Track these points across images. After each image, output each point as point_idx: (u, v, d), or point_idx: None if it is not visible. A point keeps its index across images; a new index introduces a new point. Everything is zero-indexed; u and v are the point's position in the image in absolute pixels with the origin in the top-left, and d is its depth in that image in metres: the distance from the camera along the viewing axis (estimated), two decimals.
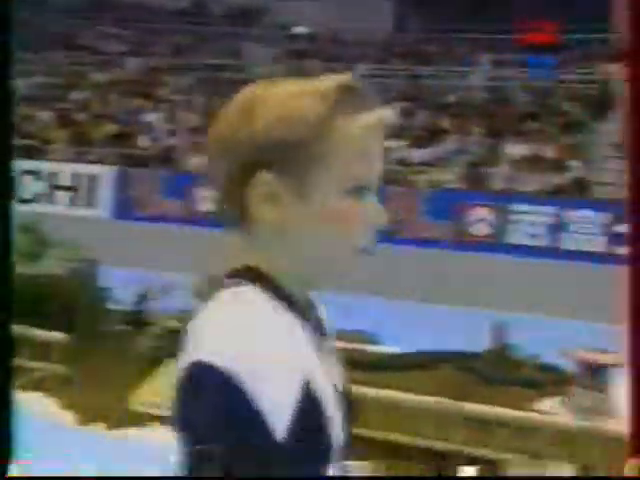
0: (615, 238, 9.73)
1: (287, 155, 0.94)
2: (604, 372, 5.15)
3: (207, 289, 0.94)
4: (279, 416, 0.86)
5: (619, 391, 5.13)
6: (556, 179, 11.88)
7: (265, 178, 0.94)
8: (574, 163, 12.46)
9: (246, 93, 0.98)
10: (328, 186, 0.95)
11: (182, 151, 13.09)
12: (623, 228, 9.93)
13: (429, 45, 20.62)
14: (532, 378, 5.60)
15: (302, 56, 18.50)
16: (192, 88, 16.17)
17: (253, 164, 0.94)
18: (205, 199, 10.70)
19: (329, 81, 0.97)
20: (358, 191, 0.96)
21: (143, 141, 13.58)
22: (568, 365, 5.48)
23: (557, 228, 9.79)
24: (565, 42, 18.84)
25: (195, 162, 13.00)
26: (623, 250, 10.17)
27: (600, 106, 15.15)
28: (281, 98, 0.96)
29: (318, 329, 1.01)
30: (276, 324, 0.91)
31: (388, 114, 0.98)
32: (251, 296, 0.93)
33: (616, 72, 16.22)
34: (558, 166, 12.38)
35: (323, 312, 1.07)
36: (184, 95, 15.67)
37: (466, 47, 19.76)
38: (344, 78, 0.98)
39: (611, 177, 12.72)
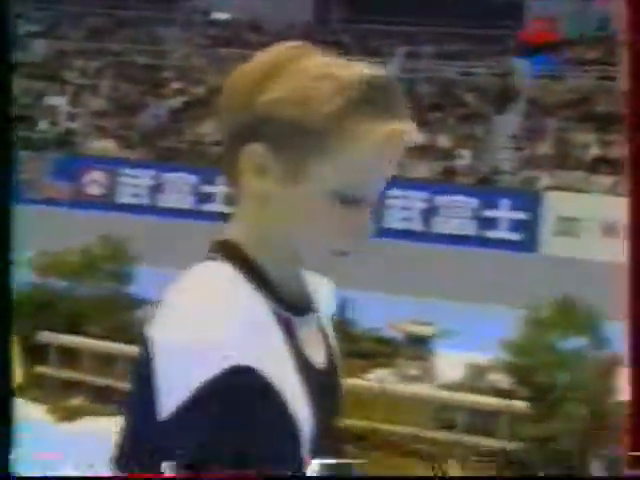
0: (484, 222, 10.22)
1: (289, 135, 0.90)
2: (426, 342, 5.53)
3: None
4: (170, 396, 0.83)
5: (439, 359, 5.52)
6: (438, 167, 12.36)
7: (257, 149, 0.91)
8: (465, 152, 12.97)
9: (273, 56, 0.93)
10: (322, 181, 0.90)
11: (83, 135, 13.09)
12: (492, 213, 10.44)
13: (346, 36, 20.94)
14: (368, 350, 5.95)
15: (220, 42, 18.57)
16: (101, 72, 16.10)
17: (252, 131, 0.91)
18: (95, 182, 10.75)
19: (358, 72, 0.90)
20: (350, 199, 0.91)
21: (43, 124, 13.53)
22: (400, 337, 5.84)
23: (429, 212, 10.23)
24: (476, 35, 19.35)
25: (97, 145, 13.02)
26: (492, 234, 10.70)
27: (501, 98, 15.72)
28: (305, 75, 0.90)
29: (297, 308, 0.96)
30: (227, 304, 0.87)
31: (409, 130, 0.90)
32: (215, 273, 0.91)
33: (519, 66, 16.85)
34: (450, 155, 12.87)
35: (312, 288, 1.02)
36: (92, 79, 15.60)
37: (381, 38, 20.12)
38: (374, 75, 0.90)
39: (503, 166, 13.27)
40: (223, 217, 0.98)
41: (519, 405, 3.95)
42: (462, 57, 17.95)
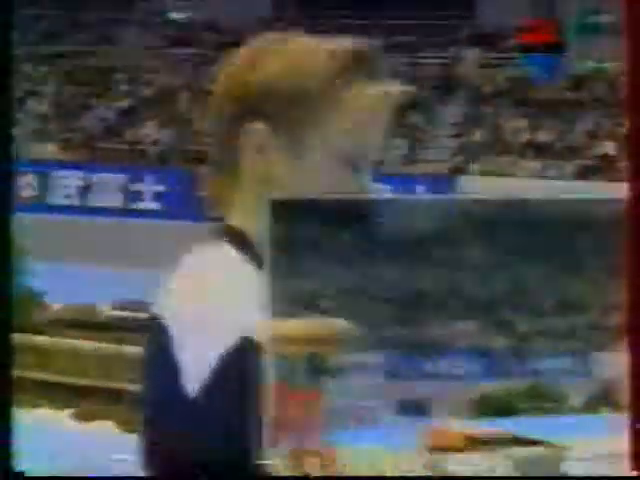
0: None
1: (286, 109, 0.92)
2: None
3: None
4: (197, 370, 0.85)
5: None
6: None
7: (258, 127, 0.93)
8: (399, 142, 13.26)
9: (261, 40, 0.97)
10: (322, 150, 0.93)
11: (24, 139, 13.29)
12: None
13: (300, 31, 21.14)
14: None
15: (177, 43, 18.69)
16: (49, 75, 16.25)
17: (250, 112, 0.93)
18: (28, 186, 10.96)
19: (346, 44, 0.95)
20: (352, 164, 0.93)
21: None
22: None
23: None
24: (423, 25, 19.59)
25: (39, 149, 13.23)
26: None
27: (445, 88, 15.99)
28: (294, 51, 0.94)
29: None
30: (231, 282, 0.88)
31: (400, 89, 0.96)
32: (224, 256, 0.92)
33: (469, 56, 17.10)
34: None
35: None
36: (39, 84, 15.75)
37: (336, 34, 20.28)
38: (362, 44, 0.96)
39: (437, 154, 13.57)
40: (152, 215, 1.01)
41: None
42: (414, 48, 18.19)
